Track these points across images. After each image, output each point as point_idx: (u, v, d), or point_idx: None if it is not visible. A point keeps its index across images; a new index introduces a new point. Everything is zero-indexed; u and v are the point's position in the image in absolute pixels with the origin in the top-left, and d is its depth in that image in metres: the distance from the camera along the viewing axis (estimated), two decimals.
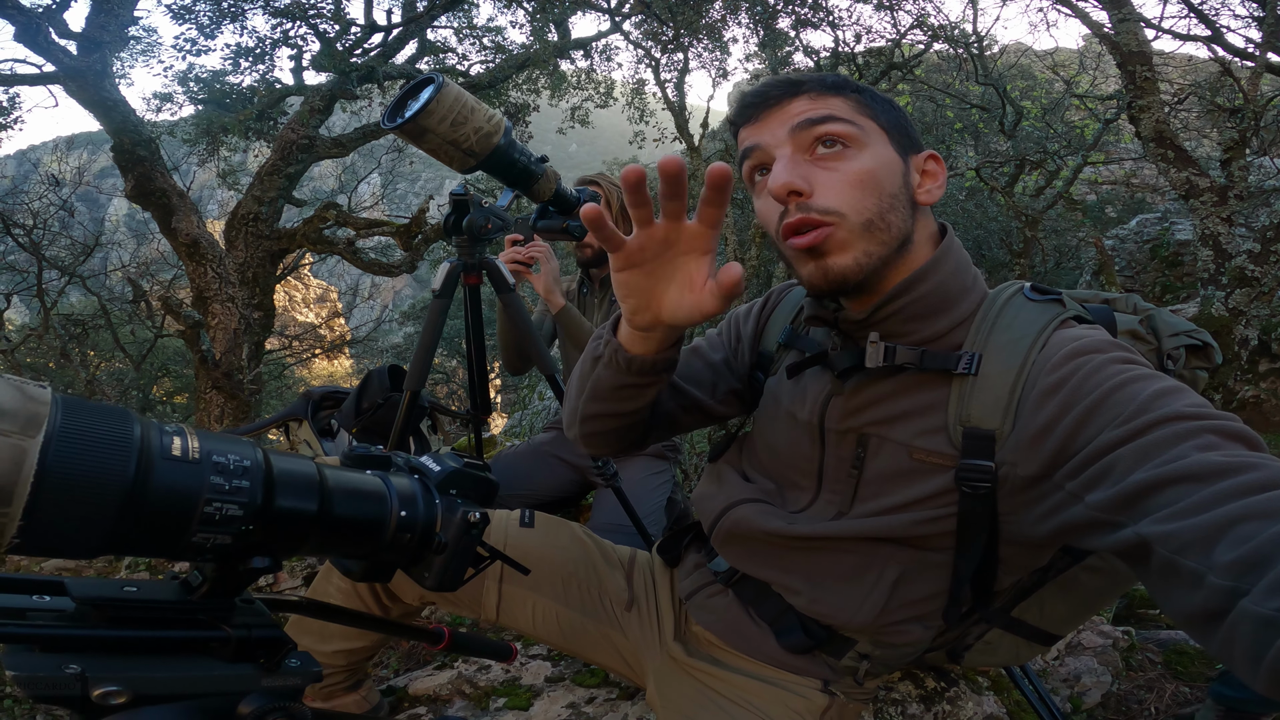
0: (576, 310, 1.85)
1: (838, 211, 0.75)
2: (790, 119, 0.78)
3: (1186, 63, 8.52)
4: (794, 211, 0.76)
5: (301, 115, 6.14)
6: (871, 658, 0.91)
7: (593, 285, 2.04)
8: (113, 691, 0.39)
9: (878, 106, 0.81)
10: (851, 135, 0.77)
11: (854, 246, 0.76)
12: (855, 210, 0.75)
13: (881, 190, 0.77)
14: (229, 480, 0.42)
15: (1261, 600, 0.47)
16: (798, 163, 0.77)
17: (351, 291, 20.36)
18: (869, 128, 0.79)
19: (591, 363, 0.86)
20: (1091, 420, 0.65)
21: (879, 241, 0.76)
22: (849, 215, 0.75)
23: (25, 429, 0.34)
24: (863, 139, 0.78)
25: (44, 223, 7.09)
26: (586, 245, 1.94)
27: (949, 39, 7.27)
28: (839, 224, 0.75)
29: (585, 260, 1.99)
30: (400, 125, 1.21)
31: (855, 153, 0.77)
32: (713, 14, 7.20)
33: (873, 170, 0.77)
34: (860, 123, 0.78)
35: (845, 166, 0.76)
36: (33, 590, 0.43)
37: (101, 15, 4.43)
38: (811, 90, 0.79)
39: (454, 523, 0.55)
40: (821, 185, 0.76)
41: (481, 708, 1.25)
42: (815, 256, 0.76)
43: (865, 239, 0.76)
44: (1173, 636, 1.75)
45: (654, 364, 0.81)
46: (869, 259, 0.76)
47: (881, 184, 0.77)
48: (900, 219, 0.78)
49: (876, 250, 0.76)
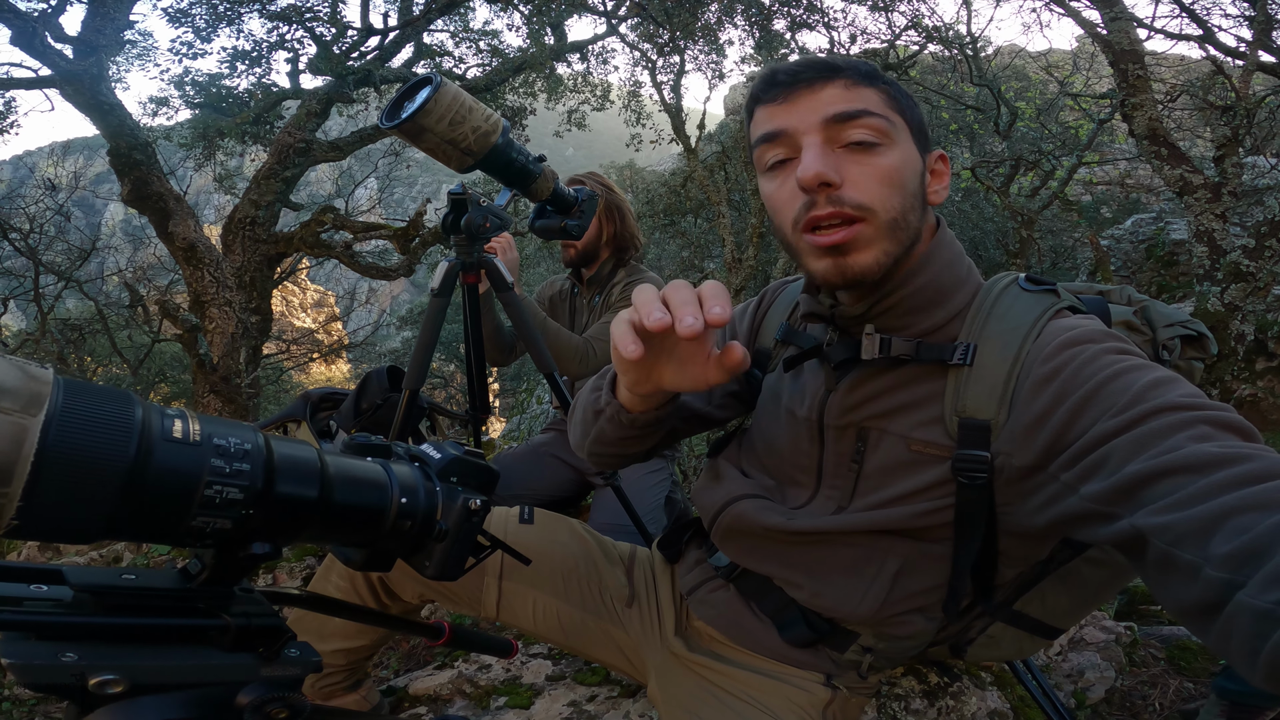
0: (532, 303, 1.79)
1: (869, 207, 0.74)
2: (823, 107, 0.75)
3: (1179, 62, 8.56)
4: (824, 204, 0.74)
5: (298, 119, 6.13)
6: (875, 651, 0.91)
7: (582, 285, 2.03)
8: (110, 680, 0.38)
9: (905, 102, 0.80)
10: (884, 130, 0.75)
11: (877, 245, 0.75)
12: (885, 208, 0.74)
13: (906, 189, 0.76)
14: (230, 463, 0.41)
15: (1258, 593, 0.47)
16: (829, 154, 0.74)
17: (349, 296, 20.35)
18: (898, 123, 0.78)
19: (594, 414, 0.87)
20: (1086, 411, 0.65)
21: (899, 241, 0.76)
22: (879, 213, 0.74)
23: (27, 407, 0.33)
24: (893, 134, 0.76)
25: (40, 227, 7.08)
26: (571, 246, 1.92)
27: (943, 40, 7.30)
28: (869, 220, 0.74)
29: (571, 260, 1.97)
30: (398, 125, 1.21)
31: (886, 149, 0.75)
32: (709, 16, 7.22)
33: (900, 169, 0.76)
34: (891, 118, 0.77)
35: (876, 162, 0.75)
36: (30, 579, 0.42)
37: (97, 19, 4.43)
38: (847, 77, 0.76)
39: (455, 510, 0.54)
40: (852, 179, 0.74)
41: (482, 707, 1.24)
42: (835, 254, 0.75)
43: (889, 238, 0.75)
44: (1175, 632, 1.75)
45: (656, 419, 0.83)
46: (888, 258, 0.75)
47: (906, 182, 0.76)
48: (917, 218, 0.78)
49: (895, 250, 0.76)
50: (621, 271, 1.98)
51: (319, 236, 6.17)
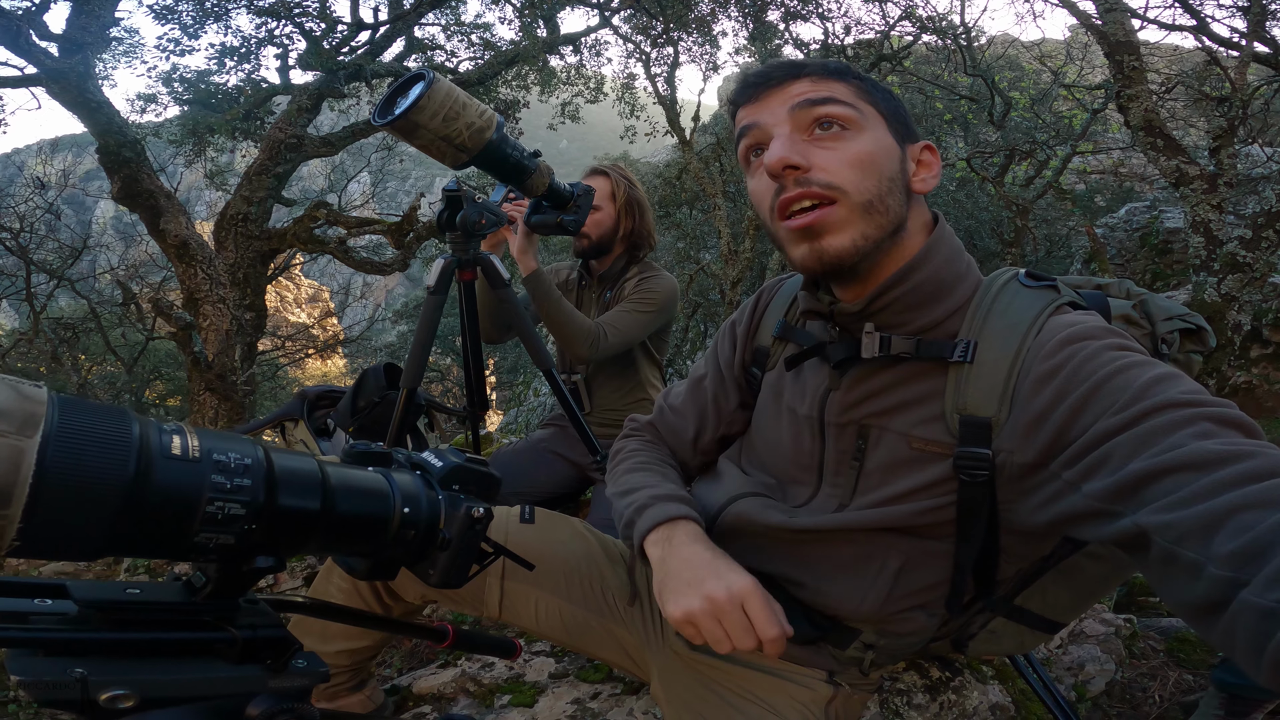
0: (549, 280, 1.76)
1: (839, 187, 0.74)
2: (790, 99, 0.78)
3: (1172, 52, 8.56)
4: (791, 186, 0.75)
5: (289, 114, 6.08)
6: (877, 648, 0.91)
7: (591, 279, 2.01)
8: (119, 695, 0.38)
9: (878, 94, 0.81)
10: (850, 118, 0.77)
11: (852, 226, 0.75)
12: (856, 189, 0.75)
13: (881, 172, 0.77)
14: (230, 479, 0.41)
15: (1262, 591, 0.47)
16: (795, 140, 0.77)
17: (343, 291, 20.24)
18: (869, 112, 0.79)
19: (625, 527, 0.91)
20: (1087, 408, 0.65)
21: (876, 224, 0.76)
22: (850, 193, 0.75)
23: (22, 429, 0.33)
24: (862, 122, 0.78)
25: (30, 226, 7.02)
26: (584, 236, 1.89)
27: (937, 30, 7.28)
28: (840, 201, 0.74)
29: (584, 251, 1.94)
30: (391, 121, 1.20)
31: (854, 134, 0.77)
32: (702, 7, 7.18)
33: (872, 152, 0.77)
34: (860, 107, 0.79)
35: (844, 146, 0.76)
36: (34, 594, 0.42)
37: (82, 17, 4.37)
38: (813, 73, 0.80)
39: (458, 518, 0.54)
40: (820, 163, 0.76)
41: (486, 705, 1.24)
42: (810, 238, 0.76)
43: (864, 220, 0.75)
44: (1174, 624, 1.76)
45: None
46: (866, 241, 0.75)
47: (880, 166, 0.77)
48: (897, 203, 0.78)
49: (873, 233, 0.76)
50: (634, 268, 1.95)
51: (312, 232, 6.13)
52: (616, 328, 1.82)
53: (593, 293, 2.00)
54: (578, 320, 1.77)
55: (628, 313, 1.85)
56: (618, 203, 1.91)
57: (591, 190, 1.63)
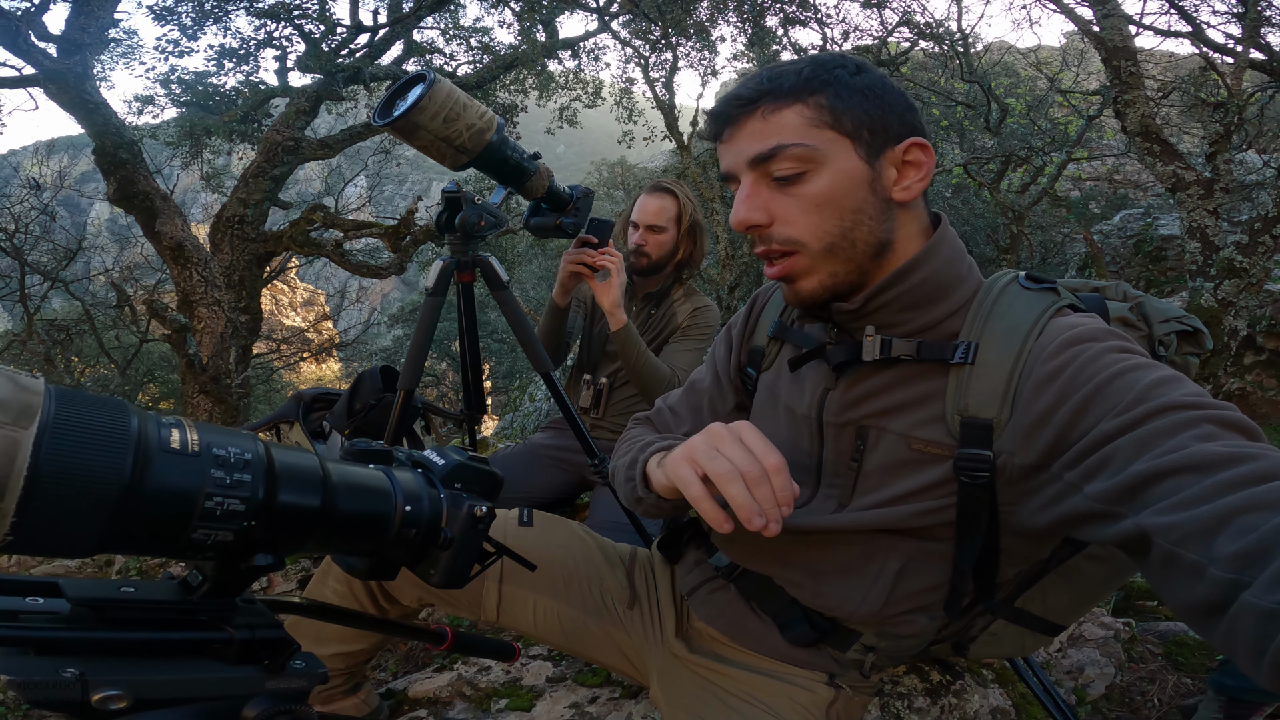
0: (637, 333, 1.71)
1: (797, 240, 0.77)
2: (745, 147, 0.77)
3: (1167, 59, 8.62)
4: (759, 243, 0.79)
5: (287, 117, 6.08)
6: (877, 650, 0.91)
7: (635, 293, 1.96)
8: (113, 695, 0.37)
9: (843, 106, 0.75)
10: (805, 158, 0.74)
11: (818, 270, 0.78)
12: (815, 236, 0.76)
13: (843, 209, 0.76)
14: (230, 474, 0.40)
15: (1263, 594, 0.47)
16: (758, 192, 0.78)
17: (339, 294, 20.22)
18: (825, 141, 0.75)
19: (635, 501, 0.89)
20: (1089, 410, 0.65)
21: (842, 262, 0.78)
22: (809, 243, 0.77)
23: (18, 419, 0.32)
24: (819, 158, 0.75)
25: (25, 227, 6.99)
26: (644, 256, 1.85)
27: (934, 37, 7.32)
28: (800, 252, 0.77)
29: (640, 269, 1.88)
30: (392, 122, 1.19)
31: (813, 174, 0.75)
32: (700, 12, 7.21)
33: (829, 192, 0.75)
34: (813, 140, 0.74)
35: (803, 191, 0.76)
36: (26, 592, 0.41)
37: (81, 17, 4.36)
38: (767, 103, 0.76)
39: (460, 517, 0.53)
40: (781, 214, 0.77)
41: (483, 709, 1.23)
42: (786, 281, 0.80)
43: (828, 262, 0.77)
44: (1172, 628, 1.76)
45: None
46: (833, 279, 0.78)
47: (842, 203, 0.76)
48: (868, 231, 0.77)
49: (841, 270, 0.78)
50: (679, 289, 1.93)
51: (308, 235, 6.12)
52: (685, 370, 1.82)
53: (633, 305, 1.97)
54: (661, 371, 1.77)
55: (689, 351, 1.86)
56: (682, 226, 1.87)
57: (591, 193, 1.63)
